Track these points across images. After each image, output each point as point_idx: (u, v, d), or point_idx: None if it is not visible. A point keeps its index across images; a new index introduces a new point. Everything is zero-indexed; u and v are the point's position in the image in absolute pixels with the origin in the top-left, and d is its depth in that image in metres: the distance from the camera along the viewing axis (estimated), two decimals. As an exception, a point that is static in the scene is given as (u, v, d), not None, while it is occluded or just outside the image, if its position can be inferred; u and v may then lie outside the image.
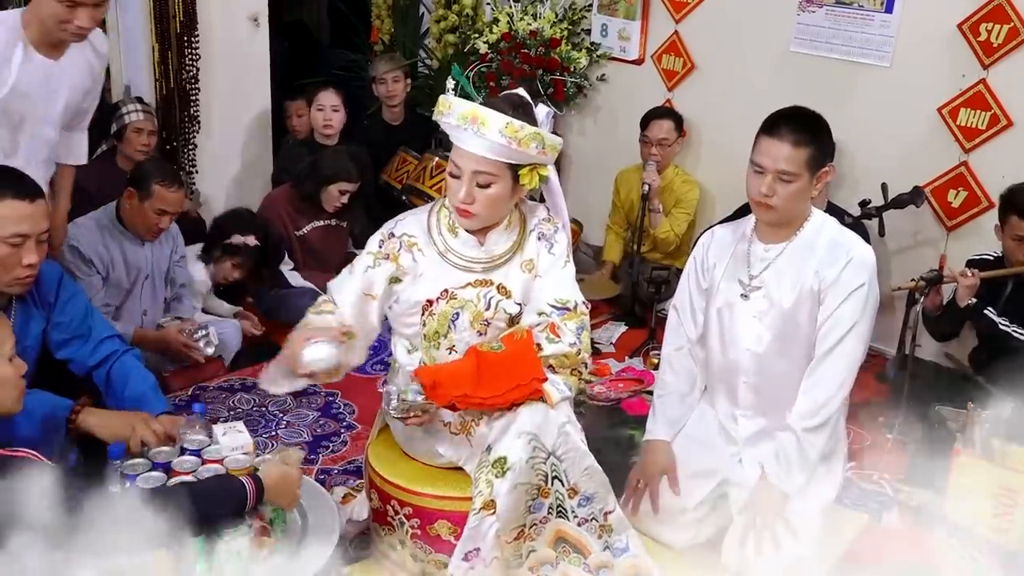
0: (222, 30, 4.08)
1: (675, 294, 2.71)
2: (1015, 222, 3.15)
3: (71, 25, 2.38)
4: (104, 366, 2.38)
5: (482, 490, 2.10)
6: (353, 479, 2.88)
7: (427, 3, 5.29)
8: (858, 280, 2.34)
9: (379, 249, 2.26)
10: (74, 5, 2.35)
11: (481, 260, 2.25)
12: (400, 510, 2.32)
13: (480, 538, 2.12)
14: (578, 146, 5.00)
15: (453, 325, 2.23)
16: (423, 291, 2.24)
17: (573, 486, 2.17)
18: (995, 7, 3.46)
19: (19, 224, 2.14)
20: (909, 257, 3.84)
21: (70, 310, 2.38)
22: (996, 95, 3.52)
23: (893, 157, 3.76)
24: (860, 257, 2.36)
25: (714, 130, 4.36)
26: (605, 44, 4.67)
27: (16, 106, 2.52)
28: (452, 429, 2.23)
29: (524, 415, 2.11)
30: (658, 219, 4.17)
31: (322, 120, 4.31)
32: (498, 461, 2.09)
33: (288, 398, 3.44)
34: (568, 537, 2.19)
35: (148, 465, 2.04)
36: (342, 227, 4.14)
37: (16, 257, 2.15)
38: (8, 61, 2.45)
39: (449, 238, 2.25)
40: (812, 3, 3.93)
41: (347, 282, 2.29)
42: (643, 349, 3.87)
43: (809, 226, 2.44)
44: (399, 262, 2.24)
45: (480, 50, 4.71)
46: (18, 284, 2.21)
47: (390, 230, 2.29)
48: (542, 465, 2.12)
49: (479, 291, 2.23)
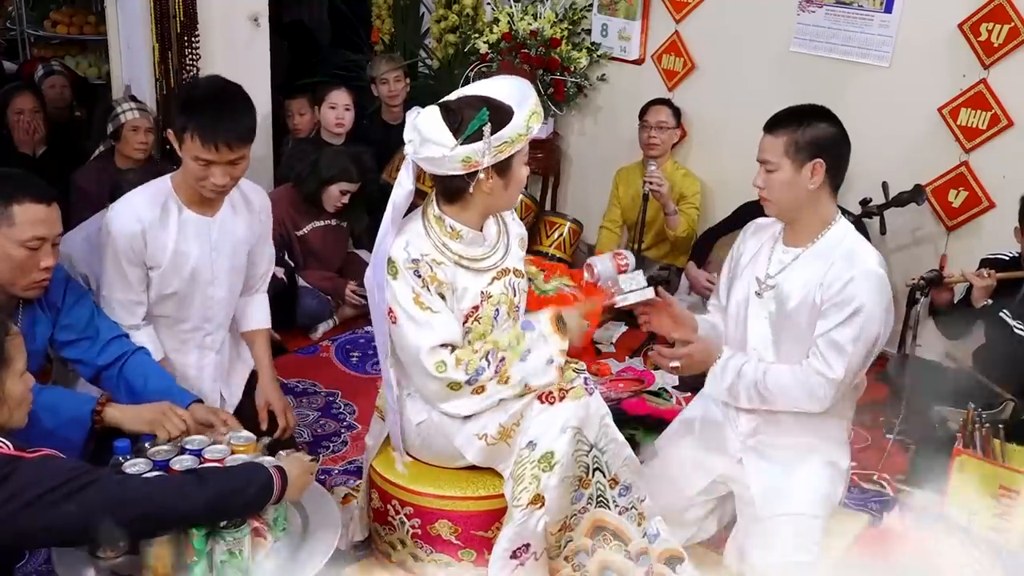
0: (222, 30, 4.07)
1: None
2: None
3: (207, 183, 2.40)
4: (115, 366, 2.37)
5: (527, 486, 2.12)
6: (353, 479, 2.88)
7: (427, 3, 5.29)
8: (857, 302, 2.24)
9: (421, 278, 2.17)
10: (208, 164, 2.36)
11: (486, 252, 2.27)
12: (401, 510, 2.33)
13: (530, 534, 2.14)
14: (578, 146, 5.00)
15: (495, 321, 2.27)
16: (466, 301, 2.23)
17: (614, 476, 2.23)
18: (995, 7, 3.46)
19: (37, 227, 2.14)
20: (909, 257, 3.84)
21: (76, 312, 2.37)
22: (996, 95, 3.52)
23: (893, 157, 3.76)
24: (864, 274, 2.25)
25: (714, 130, 4.36)
26: (605, 44, 4.68)
27: (182, 266, 2.50)
28: (489, 440, 2.23)
29: (568, 409, 2.15)
30: (675, 220, 4.17)
31: (334, 119, 4.32)
32: (545, 456, 2.12)
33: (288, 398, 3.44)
34: (608, 525, 2.24)
35: (177, 450, 2.06)
36: (343, 227, 4.14)
37: (34, 260, 2.16)
38: (166, 223, 2.47)
39: (454, 245, 2.23)
40: (812, 3, 3.93)
41: (447, 321, 2.19)
42: (643, 349, 3.87)
43: (831, 233, 2.36)
44: (438, 278, 2.19)
45: (480, 50, 4.71)
46: (34, 288, 2.21)
47: (408, 259, 2.17)
48: (584, 457, 2.18)
49: (504, 282, 2.29)
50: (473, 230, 2.24)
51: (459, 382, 2.16)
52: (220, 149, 2.33)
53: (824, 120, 2.36)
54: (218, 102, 2.37)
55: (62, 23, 5.72)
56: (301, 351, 3.85)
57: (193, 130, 2.32)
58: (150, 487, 1.81)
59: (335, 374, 3.69)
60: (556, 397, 2.17)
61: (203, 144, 2.32)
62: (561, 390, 2.17)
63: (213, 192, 2.44)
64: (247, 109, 2.42)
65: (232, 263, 2.61)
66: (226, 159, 2.36)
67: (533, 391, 2.20)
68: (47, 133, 4.44)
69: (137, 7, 3.88)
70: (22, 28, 5.88)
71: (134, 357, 2.40)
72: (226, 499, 1.84)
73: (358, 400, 3.42)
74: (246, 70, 4.25)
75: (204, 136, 2.31)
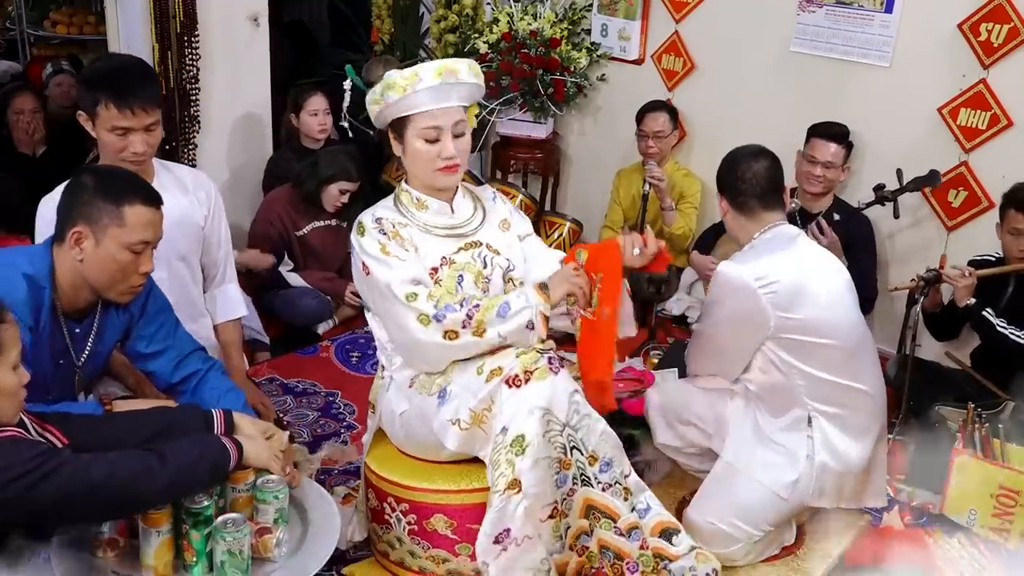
0: (222, 30, 4.07)
1: None
2: (1012, 215, 3.16)
3: (127, 152, 2.45)
4: (188, 383, 2.35)
5: (504, 471, 2.12)
6: (353, 479, 2.88)
7: (427, 3, 5.29)
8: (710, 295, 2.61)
9: (385, 235, 2.29)
10: (125, 132, 2.43)
11: (457, 225, 2.37)
12: (397, 507, 2.33)
13: (508, 518, 2.13)
14: (578, 146, 5.00)
15: (459, 287, 2.31)
16: (426, 262, 2.31)
17: (592, 453, 2.21)
18: (995, 7, 3.46)
19: (146, 231, 2.12)
20: (909, 257, 3.85)
21: (158, 322, 2.35)
22: (996, 95, 3.52)
23: (893, 157, 3.76)
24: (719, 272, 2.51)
25: (714, 130, 4.36)
26: (605, 44, 4.68)
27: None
28: (462, 426, 2.23)
29: (534, 391, 2.14)
30: (672, 216, 4.17)
31: (317, 125, 4.27)
32: (516, 440, 2.12)
33: (288, 398, 3.45)
34: (596, 504, 2.23)
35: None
36: (342, 227, 4.14)
37: (135, 264, 2.13)
38: None
39: (421, 215, 2.35)
40: (812, 3, 3.93)
41: (414, 265, 2.28)
42: (643, 349, 3.86)
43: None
44: (401, 235, 2.30)
45: (480, 50, 4.71)
46: (130, 292, 2.18)
47: (373, 217, 2.32)
48: (558, 437, 2.16)
49: (472, 252, 2.37)
50: (438, 201, 2.36)
51: (427, 315, 2.20)
52: (136, 113, 2.42)
53: (725, 161, 2.64)
54: (124, 71, 2.48)
55: (62, 23, 5.72)
56: (301, 351, 3.85)
57: (107, 99, 2.40)
58: (114, 467, 1.77)
59: (335, 374, 3.69)
60: (522, 380, 2.15)
61: (119, 110, 2.41)
62: (527, 372, 2.15)
63: (134, 163, 2.47)
64: (151, 75, 2.61)
65: (168, 245, 2.58)
66: (143, 124, 2.44)
67: (512, 347, 2.21)
68: (47, 133, 4.44)
69: (137, 7, 3.88)
70: (22, 28, 5.89)
71: (209, 376, 2.36)
72: (187, 472, 1.84)
73: (358, 400, 3.42)
74: (246, 70, 4.26)
75: (120, 102, 2.40)
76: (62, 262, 2.11)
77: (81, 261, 2.09)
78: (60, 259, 2.12)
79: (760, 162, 2.55)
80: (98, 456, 1.78)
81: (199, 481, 1.89)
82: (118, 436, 1.94)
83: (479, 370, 2.22)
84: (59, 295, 2.13)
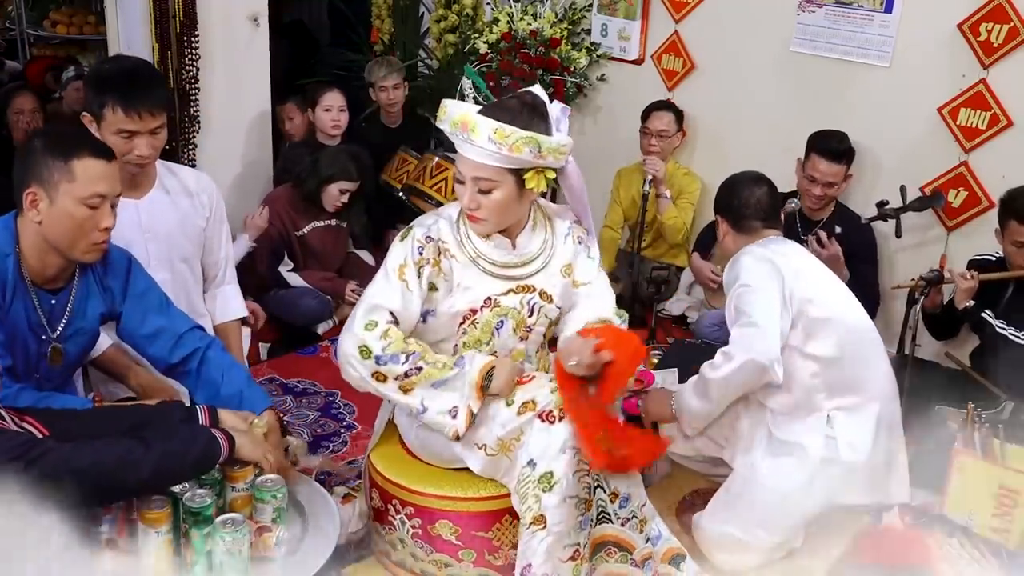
0: (222, 30, 4.07)
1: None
2: (1014, 227, 3.12)
3: (132, 156, 2.43)
4: (188, 364, 2.30)
5: (531, 505, 2.11)
6: (353, 479, 2.88)
7: (427, 3, 5.29)
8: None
9: (421, 256, 2.19)
10: (131, 136, 2.41)
11: (514, 264, 2.25)
12: (401, 510, 2.33)
13: (531, 552, 2.12)
14: (578, 146, 4.94)
15: (497, 333, 2.24)
16: (464, 301, 2.22)
17: (614, 490, 2.21)
18: (995, 7, 3.46)
19: (98, 184, 2.07)
20: (909, 257, 3.84)
21: (147, 301, 2.31)
22: (996, 95, 3.52)
23: (893, 157, 3.76)
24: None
25: (714, 130, 4.36)
26: (605, 44, 4.67)
27: (136, 250, 2.46)
28: (488, 451, 2.22)
29: (567, 429, 2.12)
30: (665, 204, 4.16)
31: (330, 121, 4.28)
32: (544, 476, 2.10)
33: (288, 398, 3.45)
34: (609, 538, 2.22)
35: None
36: (342, 227, 4.14)
37: (93, 221, 2.09)
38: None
39: (479, 243, 2.23)
40: (812, 3, 3.93)
41: (410, 301, 2.19)
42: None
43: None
44: (441, 267, 2.20)
45: (480, 50, 4.70)
46: (94, 250, 2.13)
47: (426, 234, 2.21)
48: (586, 477, 2.16)
49: (521, 297, 2.25)
50: (499, 235, 2.24)
51: (371, 351, 2.14)
52: (143, 117, 2.40)
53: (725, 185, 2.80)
54: (133, 74, 2.45)
55: (62, 23, 5.71)
56: (301, 351, 3.85)
57: (114, 102, 2.38)
58: (99, 453, 1.76)
59: (335, 374, 3.64)
60: (556, 417, 2.13)
61: (126, 114, 2.38)
62: (562, 409, 2.14)
63: (139, 165, 2.47)
64: (159, 79, 2.59)
65: (171, 247, 2.60)
66: (149, 127, 2.42)
67: (547, 381, 2.19)
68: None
69: (137, 7, 3.87)
70: (22, 28, 5.88)
71: (209, 355, 2.32)
72: (173, 459, 1.84)
73: (358, 400, 3.42)
74: (246, 70, 4.26)
75: (127, 105, 2.38)
76: (25, 229, 2.11)
77: (40, 223, 2.07)
78: (23, 227, 2.11)
79: (761, 188, 2.71)
80: (82, 443, 1.78)
81: (185, 470, 1.89)
82: (99, 427, 1.93)
83: (508, 402, 2.19)
84: (26, 264, 2.12)
